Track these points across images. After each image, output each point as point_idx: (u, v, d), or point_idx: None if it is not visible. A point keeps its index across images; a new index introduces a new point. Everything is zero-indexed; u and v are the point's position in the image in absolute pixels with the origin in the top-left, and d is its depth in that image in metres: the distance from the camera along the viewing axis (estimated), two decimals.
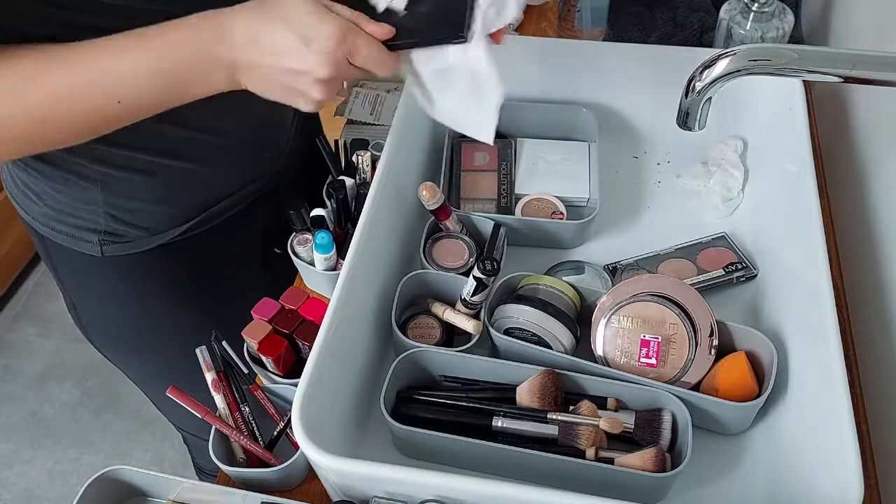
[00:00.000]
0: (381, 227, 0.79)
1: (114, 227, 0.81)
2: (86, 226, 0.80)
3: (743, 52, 0.58)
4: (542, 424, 0.69)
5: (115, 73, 0.60)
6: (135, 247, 0.83)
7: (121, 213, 0.80)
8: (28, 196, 0.82)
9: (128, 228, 0.81)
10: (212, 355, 0.75)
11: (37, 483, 1.76)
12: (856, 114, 0.94)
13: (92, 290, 0.89)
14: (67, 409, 1.88)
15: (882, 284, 0.79)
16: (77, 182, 0.77)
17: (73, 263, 0.85)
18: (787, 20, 1.02)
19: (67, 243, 0.82)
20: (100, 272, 0.85)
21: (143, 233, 0.82)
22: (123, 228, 0.81)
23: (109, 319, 0.92)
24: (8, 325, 2.04)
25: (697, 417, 0.69)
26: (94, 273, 0.85)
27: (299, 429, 0.61)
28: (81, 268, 0.85)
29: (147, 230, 0.82)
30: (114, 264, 0.83)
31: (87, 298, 0.90)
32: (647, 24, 1.16)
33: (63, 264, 0.86)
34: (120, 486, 0.71)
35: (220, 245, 0.88)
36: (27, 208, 0.83)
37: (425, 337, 0.77)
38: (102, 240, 0.81)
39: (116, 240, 0.82)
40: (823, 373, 0.64)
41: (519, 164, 0.94)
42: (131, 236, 0.82)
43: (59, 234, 0.82)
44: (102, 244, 0.81)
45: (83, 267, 0.85)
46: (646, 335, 0.72)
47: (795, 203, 0.78)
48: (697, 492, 0.70)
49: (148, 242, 0.83)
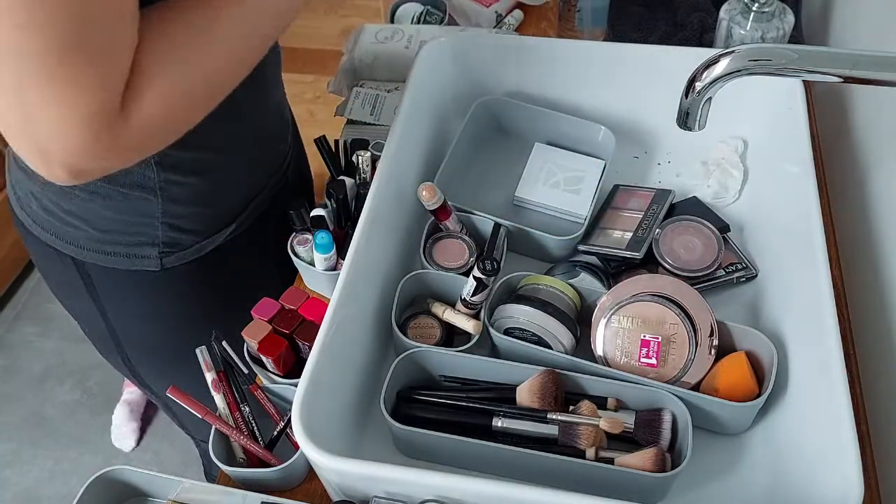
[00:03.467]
0: (381, 227, 0.79)
1: (172, 236, 0.80)
2: (143, 241, 0.79)
3: (743, 52, 0.58)
4: (542, 424, 0.69)
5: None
6: (192, 253, 0.83)
7: (177, 220, 0.80)
8: (68, 223, 0.79)
9: (185, 236, 0.81)
10: (212, 355, 0.75)
11: (37, 483, 1.76)
12: (856, 114, 0.94)
13: (139, 311, 0.88)
14: (67, 409, 1.88)
15: (882, 284, 0.79)
16: (135, 195, 0.76)
17: (122, 285, 0.83)
18: (787, 20, 1.02)
19: (121, 264, 0.81)
20: (153, 289, 0.84)
21: (199, 237, 0.83)
22: (181, 236, 0.81)
23: (157, 340, 0.91)
24: (8, 325, 2.04)
25: (697, 417, 0.69)
26: (148, 291, 0.84)
27: (299, 429, 0.61)
28: (133, 289, 0.84)
29: (202, 234, 0.83)
30: (170, 278, 0.83)
31: (132, 319, 0.89)
32: (647, 24, 1.16)
33: (108, 289, 0.84)
34: (120, 486, 0.71)
35: (254, 245, 0.90)
36: (67, 237, 0.80)
37: (425, 337, 0.77)
38: (162, 252, 0.81)
39: (175, 249, 0.82)
40: (823, 373, 0.64)
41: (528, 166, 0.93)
42: (189, 243, 0.82)
43: (109, 256, 0.80)
44: (162, 256, 0.81)
45: (135, 288, 0.84)
46: (646, 335, 0.72)
47: (795, 203, 0.78)
48: (697, 492, 0.70)
49: (203, 248, 0.84)
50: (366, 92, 1.11)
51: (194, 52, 0.56)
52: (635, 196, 0.92)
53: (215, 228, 0.84)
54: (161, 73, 0.54)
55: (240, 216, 0.86)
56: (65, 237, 0.80)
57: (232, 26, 0.58)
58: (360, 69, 1.16)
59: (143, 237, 0.80)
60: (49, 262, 0.85)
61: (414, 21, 1.25)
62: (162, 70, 0.54)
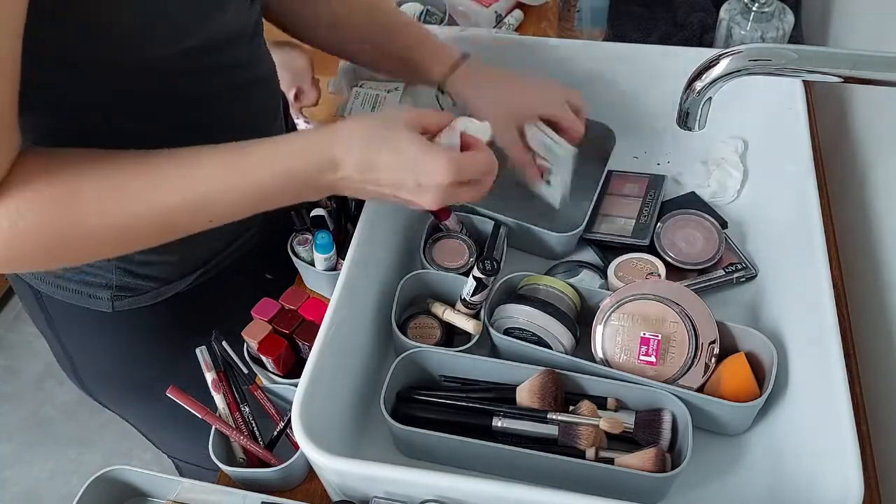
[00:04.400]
0: (381, 227, 0.79)
1: (126, 281, 0.78)
2: (96, 282, 0.78)
3: (743, 52, 0.58)
4: (542, 424, 0.69)
5: (214, 198, 0.59)
6: (148, 299, 0.81)
7: (133, 266, 0.78)
8: None
9: (140, 282, 0.79)
10: (212, 355, 0.75)
11: (37, 483, 1.76)
12: (856, 114, 0.94)
13: (97, 347, 0.86)
14: (67, 409, 1.88)
15: (882, 284, 0.79)
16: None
17: (78, 321, 0.82)
18: (787, 20, 1.02)
19: (74, 300, 0.79)
20: (107, 328, 0.82)
21: (157, 283, 0.80)
22: (136, 282, 0.79)
23: (113, 372, 0.89)
24: (8, 325, 2.04)
25: (697, 418, 0.69)
26: (100, 330, 0.83)
27: (299, 429, 0.61)
28: (87, 324, 0.82)
29: (161, 281, 0.80)
30: (123, 318, 0.81)
31: (90, 354, 0.87)
32: (647, 24, 1.16)
33: (64, 321, 0.83)
34: (120, 486, 0.71)
35: (230, 286, 0.86)
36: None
37: (425, 337, 0.77)
38: (115, 295, 0.79)
39: (129, 294, 0.79)
40: (823, 373, 0.64)
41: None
42: (144, 289, 0.80)
43: (65, 291, 0.79)
44: (114, 300, 0.79)
45: (89, 323, 0.82)
46: (646, 333, 0.72)
47: (795, 203, 0.78)
48: (697, 492, 0.70)
49: (160, 294, 0.81)
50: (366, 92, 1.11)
51: (84, 195, 0.56)
52: (630, 181, 0.93)
53: (176, 276, 0.81)
54: (47, 201, 0.55)
55: (210, 262, 0.83)
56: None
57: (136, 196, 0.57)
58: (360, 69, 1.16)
59: (96, 278, 0.78)
60: (16, 286, 0.84)
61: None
62: (49, 199, 0.55)
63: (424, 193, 0.62)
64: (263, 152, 0.60)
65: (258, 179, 0.60)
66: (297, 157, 0.61)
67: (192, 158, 0.59)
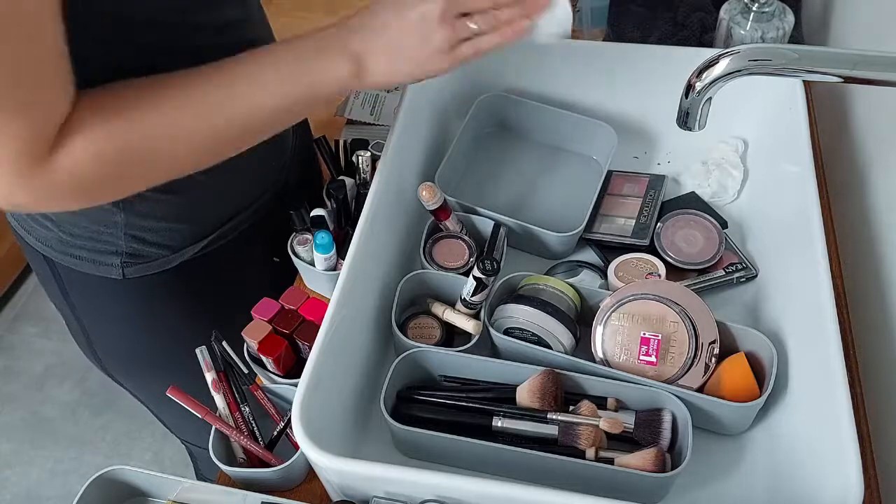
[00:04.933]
0: (381, 227, 0.79)
1: (135, 247, 0.79)
2: (106, 249, 0.79)
3: (743, 52, 0.58)
4: (542, 424, 0.69)
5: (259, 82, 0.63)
6: (157, 266, 0.82)
7: (142, 233, 0.79)
8: (41, 223, 0.80)
9: (150, 248, 0.80)
10: (212, 355, 0.75)
11: (37, 483, 1.76)
12: (856, 114, 0.94)
13: (108, 315, 0.87)
14: (67, 409, 1.88)
15: (882, 284, 0.79)
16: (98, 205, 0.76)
17: (90, 288, 0.83)
18: (787, 20, 1.02)
19: (86, 268, 0.81)
20: (119, 295, 0.84)
21: (165, 251, 0.81)
22: (145, 249, 0.80)
23: (125, 342, 0.90)
24: (8, 325, 2.04)
25: (697, 418, 0.69)
26: (112, 296, 0.84)
27: (299, 429, 0.61)
28: (99, 292, 0.84)
29: (169, 248, 0.81)
30: (135, 286, 0.82)
31: (103, 323, 0.89)
32: (647, 24, 1.16)
33: (78, 290, 0.85)
34: (120, 486, 0.71)
35: (237, 257, 0.87)
36: (39, 236, 0.81)
37: (425, 337, 0.77)
38: (125, 262, 0.80)
39: (139, 261, 0.81)
40: (823, 373, 0.64)
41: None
42: (153, 256, 0.81)
43: (76, 259, 0.80)
44: (124, 266, 0.80)
45: (101, 291, 0.83)
46: (646, 333, 0.72)
47: (795, 203, 0.78)
48: (697, 492, 0.70)
49: (169, 261, 0.82)
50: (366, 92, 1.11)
51: (139, 119, 0.60)
52: (630, 181, 0.93)
53: (185, 243, 0.82)
54: (98, 127, 0.58)
55: (218, 230, 0.84)
56: (39, 237, 0.81)
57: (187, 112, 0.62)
58: None
59: (106, 245, 0.79)
60: (31, 259, 0.86)
61: None
62: (100, 124, 0.58)
63: (429, 22, 0.62)
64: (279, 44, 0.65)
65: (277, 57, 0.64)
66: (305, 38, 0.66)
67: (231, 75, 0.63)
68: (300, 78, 0.64)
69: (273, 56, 0.64)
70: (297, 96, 0.64)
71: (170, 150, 0.62)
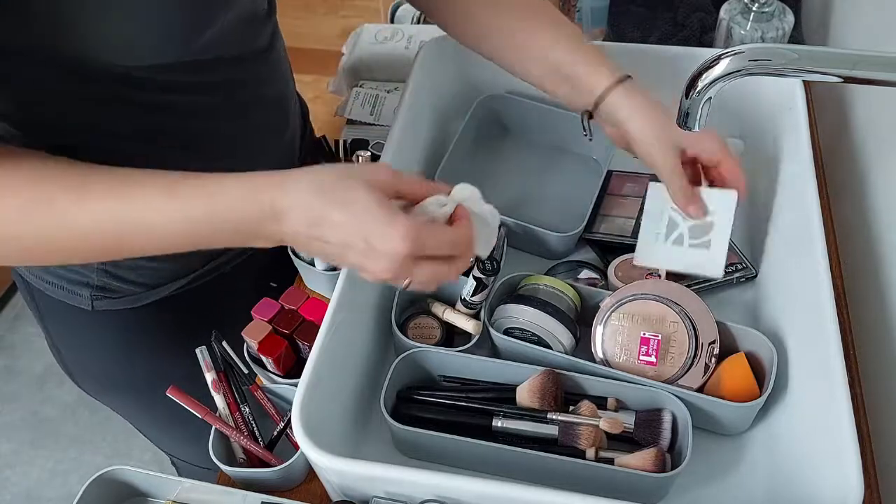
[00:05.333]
0: None
1: (107, 282, 0.77)
2: (77, 279, 0.77)
3: (743, 52, 0.58)
4: (542, 424, 0.69)
5: (148, 226, 0.56)
6: (127, 302, 0.79)
7: (116, 269, 0.77)
8: None
9: (122, 284, 0.78)
10: (212, 355, 0.75)
11: (37, 483, 1.76)
12: (856, 114, 0.94)
13: (80, 342, 0.86)
14: (67, 409, 1.88)
15: (882, 284, 0.79)
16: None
17: (62, 315, 0.82)
18: (787, 20, 1.02)
19: (59, 295, 0.79)
20: (90, 325, 0.82)
21: (139, 288, 0.79)
22: (117, 284, 0.78)
23: (100, 369, 0.88)
24: (8, 325, 2.04)
25: (697, 418, 0.69)
26: (83, 325, 0.82)
27: (299, 429, 0.61)
28: (70, 319, 0.82)
29: (143, 286, 0.79)
30: (104, 318, 0.80)
31: (75, 348, 0.87)
32: (647, 24, 1.16)
33: (51, 315, 0.83)
34: (120, 486, 0.71)
35: (220, 293, 0.84)
36: None
37: (425, 337, 0.77)
38: (94, 294, 0.78)
39: (109, 295, 0.78)
40: (823, 373, 0.64)
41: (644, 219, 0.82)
42: (125, 292, 0.79)
43: (49, 285, 0.79)
44: (94, 299, 0.78)
45: (72, 319, 0.81)
46: (646, 333, 0.72)
47: (795, 203, 0.78)
48: (697, 492, 0.70)
49: (140, 298, 0.79)
50: (366, 92, 1.11)
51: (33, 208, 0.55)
52: (630, 181, 0.93)
53: (162, 282, 0.79)
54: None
55: (200, 269, 0.81)
56: None
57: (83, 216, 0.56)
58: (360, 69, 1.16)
59: (77, 275, 0.77)
60: (14, 277, 0.85)
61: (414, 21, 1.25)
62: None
63: (376, 260, 0.54)
64: (202, 189, 0.56)
65: (191, 216, 0.56)
66: (236, 201, 0.55)
67: (130, 178, 0.56)
68: (213, 241, 0.58)
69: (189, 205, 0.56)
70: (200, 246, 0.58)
71: (47, 250, 0.58)
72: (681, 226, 0.76)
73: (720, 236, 0.74)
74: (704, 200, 0.74)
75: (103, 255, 0.61)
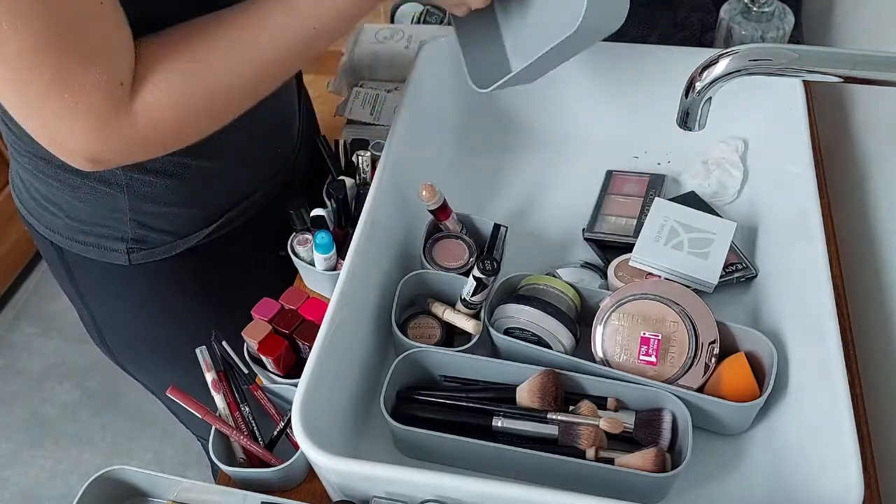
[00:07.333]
0: (381, 227, 0.79)
1: (141, 233, 0.80)
2: (112, 234, 0.80)
3: (743, 52, 0.58)
4: (542, 424, 0.69)
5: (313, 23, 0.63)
6: (162, 252, 0.82)
7: (147, 218, 0.79)
8: (48, 209, 0.81)
9: (155, 234, 0.81)
10: (212, 355, 0.75)
11: (37, 483, 1.76)
12: (856, 114, 0.94)
13: (116, 301, 0.88)
14: (67, 409, 1.88)
15: (882, 284, 0.79)
16: (103, 189, 0.76)
17: (97, 274, 0.84)
18: (787, 20, 1.02)
19: (92, 254, 0.81)
20: (126, 281, 0.84)
21: (170, 237, 0.82)
22: (150, 234, 0.81)
23: (133, 329, 0.91)
24: (8, 325, 2.04)
25: (697, 417, 0.69)
26: (119, 283, 0.85)
27: (299, 429, 0.61)
28: (106, 278, 0.84)
29: (174, 234, 0.82)
30: (141, 272, 0.83)
31: (110, 309, 0.89)
32: (647, 24, 1.16)
33: (85, 276, 0.85)
34: (120, 486, 0.71)
35: (244, 244, 0.88)
36: (47, 222, 0.82)
37: (425, 337, 0.77)
38: (130, 248, 0.81)
39: (144, 247, 0.81)
40: (823, 373, 0.64)
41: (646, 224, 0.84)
42: (158, 242, 0.82)
43: (83, 245, 0.81)
44: (130, 252, 0.81)
45: (107, 277, 0.84)
46: (646, 333, 0.72)
47: (795, 203, 0.78)
48: (697, 492, 0.70)
49: (175, 247, 0.83)
50: (366, 92, 1.11)
51: (208, 59, 0.60)
52: (630, 181, 0.93)
53: (191, 229, 0.83)
54: (171, 70, 0.59)
55: (224, 216, 0.84)
56: (47, 223, 0.82)
57: (251, 45, 0.62)
58: (360, 69, 1.16)
59: (112, 231, 0.80)
60: (40, 245, 0.87)
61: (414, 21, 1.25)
62: (172, 67, 0.59)
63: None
64: None
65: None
66: None
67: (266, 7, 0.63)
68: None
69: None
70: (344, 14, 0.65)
71: (235, 85, 0.63)
72: (682, 236, 0.81)
73: (718, 253, 0.79)
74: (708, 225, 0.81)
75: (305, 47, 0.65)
